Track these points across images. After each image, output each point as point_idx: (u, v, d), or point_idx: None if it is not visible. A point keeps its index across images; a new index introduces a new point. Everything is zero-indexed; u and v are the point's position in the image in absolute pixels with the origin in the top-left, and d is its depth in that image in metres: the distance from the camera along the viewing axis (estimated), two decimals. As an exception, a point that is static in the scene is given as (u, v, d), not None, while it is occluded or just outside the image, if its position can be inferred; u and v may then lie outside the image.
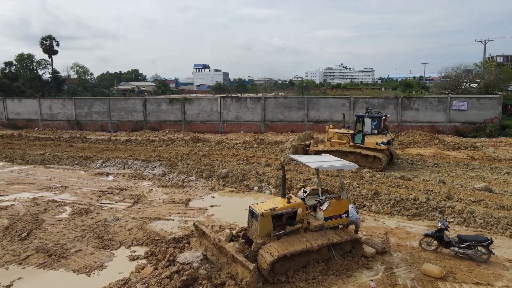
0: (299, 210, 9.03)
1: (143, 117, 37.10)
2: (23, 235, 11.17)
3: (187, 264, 8.14)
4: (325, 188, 10.17)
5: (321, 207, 9.17)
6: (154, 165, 19.19)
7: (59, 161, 21.54)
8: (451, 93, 40.94)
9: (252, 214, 8.97)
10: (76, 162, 20.92)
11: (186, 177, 17.27)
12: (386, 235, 10.79)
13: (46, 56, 73.22)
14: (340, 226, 9.40)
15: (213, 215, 12.83)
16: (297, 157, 10.05)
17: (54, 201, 14.41)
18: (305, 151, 21.14)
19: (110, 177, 18.09)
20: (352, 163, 9.54)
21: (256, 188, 15.60)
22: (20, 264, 9.63)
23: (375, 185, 15.26)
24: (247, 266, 7.65)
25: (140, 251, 10.27)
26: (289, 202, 9.01)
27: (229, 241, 8.71)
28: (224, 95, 50.27)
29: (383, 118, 18.63)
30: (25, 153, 23.83)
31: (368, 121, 18.44)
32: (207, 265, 8.29)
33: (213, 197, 14.90)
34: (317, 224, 9.07)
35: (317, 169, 10.31)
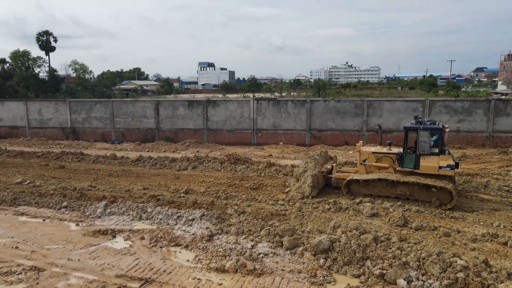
0: None
1: (155, 124, 29.63)
2: None
3: None
4: None
5: None
6: (191, 216, 11.72)
7: (39, 200, 14.11)
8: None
9: None
10: (64, 204, 13.48)
11: (252, 247, 9.86)
12: None
13: (42, 53, 66.06)
14: None
15: None
16: None
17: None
18: (326, 179, 14.72)
19: (119, 240, 10.68)
20: None
21: (402, 283, 8.12)
22: None
23: None
24: None
25: None
26: None
27: None
28: (259, 97, 42.50)
29: (445, 130, 13.04)
30: (-5, 182, 16.47)
31: (424, 135, 12.69)
32: None
33: (329, 308, 7.48)
34: None
35: None
